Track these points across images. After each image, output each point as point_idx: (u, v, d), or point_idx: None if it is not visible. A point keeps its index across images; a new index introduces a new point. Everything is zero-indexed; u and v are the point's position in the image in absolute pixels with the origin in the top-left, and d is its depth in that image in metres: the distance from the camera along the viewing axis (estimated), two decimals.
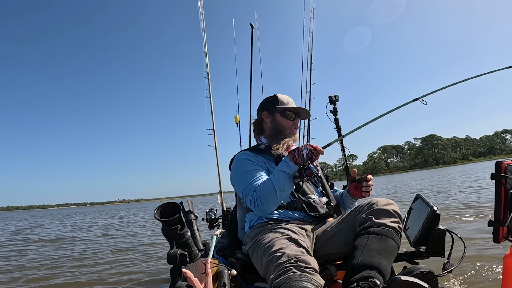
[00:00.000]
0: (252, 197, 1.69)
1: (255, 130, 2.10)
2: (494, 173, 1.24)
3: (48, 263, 5.53)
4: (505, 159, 1.27)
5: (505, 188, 1.21)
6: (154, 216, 1.28)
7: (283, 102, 2.02)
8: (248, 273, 1.74)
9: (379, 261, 1.35)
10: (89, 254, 6.21)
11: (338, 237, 1.66)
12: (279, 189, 1.64)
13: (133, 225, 12.96)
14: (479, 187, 12.47)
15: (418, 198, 1.85)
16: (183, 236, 1.27)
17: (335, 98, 2.72)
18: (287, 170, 1.66)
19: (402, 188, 19.05)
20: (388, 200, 1.60)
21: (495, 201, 1.24)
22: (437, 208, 1.65)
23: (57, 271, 4.86)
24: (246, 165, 1.84)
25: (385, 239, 1.44)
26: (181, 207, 1.31)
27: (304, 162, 1.65)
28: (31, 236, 11.53)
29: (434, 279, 1.30)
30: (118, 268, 4.77)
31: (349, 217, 1.65)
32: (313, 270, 1.30)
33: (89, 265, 5.10)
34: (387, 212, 1.53)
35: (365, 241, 1.43)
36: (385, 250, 1.41)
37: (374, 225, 1.48)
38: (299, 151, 1.65)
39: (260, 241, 1.60)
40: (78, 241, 8.68)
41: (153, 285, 3.80)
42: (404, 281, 1.05)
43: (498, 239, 1.22)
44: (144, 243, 7.25)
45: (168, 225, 1.26)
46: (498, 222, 1.21)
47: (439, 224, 1.64)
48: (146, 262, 5.00)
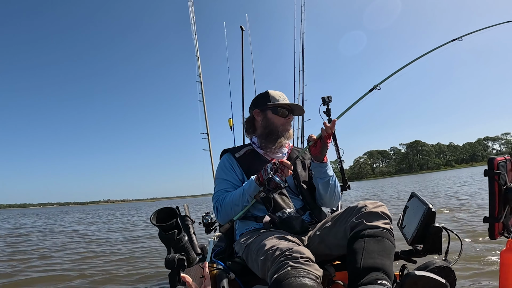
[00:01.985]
0: (214, 205, 1.81)
1: (247, 129, 2.05)
2: (487, 170, 1.25)
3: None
4: (497, 156, 1.28)
5: (498, 184, 1.22)
6: (150, 221, 1.27)
7: (275, 98, 1.94)
8: (247, 276, 1.73)
9: (382, 262, 1.34)
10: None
11: (329, 240, 1.64)
12: (234, 204, 1.72)
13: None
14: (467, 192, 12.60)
15: (413, 196, 1.85)
16: (180, 241, 1.27)
17: (328, 99, 2.71)
18: (246, 187, 1.71)
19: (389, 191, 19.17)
20: (376, 202, 1.59)
21: (489, 197, 1.25)
22: (432, 206, 1.66)
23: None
24: (222, 172, 1.91)
25: (382, 240, 1.43)
26: (177, 212, 1.31)
27: (269, 180, 1.63)
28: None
29: (451, 274, 1.25)
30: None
31: (340, 221, 1.62)
32: (309, 260, 1.30)
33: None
34: (377, 215, 1.52)
35: (363, 244, 1.41)
36: (384, 251, 1.40)
37: (367, 228, 1.46)
38: (265, 168, 1.67)
39: (250, 244, 1.60)
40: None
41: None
42: (419, 276, 1.02)
43: (494, 235, 1.23)
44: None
45: (165, 230, 1.25)
46: (493, 218, 1.22)
47: (435, 221, 1.65)
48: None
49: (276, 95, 1.96)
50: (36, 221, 19.65)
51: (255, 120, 1.98)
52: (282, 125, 1.91)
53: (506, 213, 1.23)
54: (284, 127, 1.92)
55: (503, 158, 1.27)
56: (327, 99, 2.72)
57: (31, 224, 17.40)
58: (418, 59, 1.97)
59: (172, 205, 1.36)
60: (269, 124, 1.91)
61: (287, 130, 1.93)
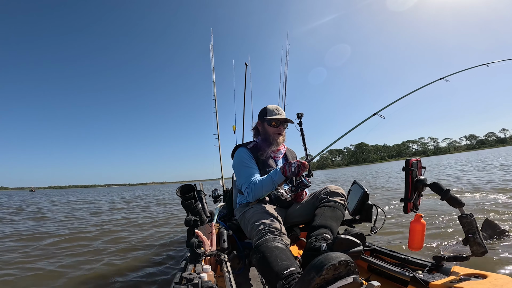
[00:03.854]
0: (246, 188, 1.65)
1: (254, 133, 1.94)
2: (404, 167, 1.26)
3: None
4: (411, 158, 1.30)
5: (411, 176, 1.24)
6: (176, 193, 1.28)
7: (270, 112, 1.85)
8: (240, 233, 1.74)
9: (331, 223, 1.39)
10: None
11: (302, 210, 1.66)
12: (264, 190, 1.58)
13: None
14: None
15: (355, 183, 1.87)
16: (195, 207, 1.27)
17: (301, 114, 2.70)
18: (275, 178, 1.57)
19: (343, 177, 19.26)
20: (337, 186, 1.61)
21: (405, 185, 1.26)
22: (367, 190, 1.69)
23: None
24: (245, 160, 1.75)
25: (335, 210, 1.48)
26: (194, 188, 1.31)
27: (292, 174, 1.52)
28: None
29: (363, 238, 1.38)
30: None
31: (310, 198, 1.66)
32: (282, 233, 1.33)
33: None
34: (337, 194, 1.56)
35: (322, 211, 1.47)
36: (335, 217, 1.45)
37: (328, 201, 1.52)
38: (290, 165, 1.53)
39: (245, 213, 1.59)
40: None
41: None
42: (344, 238, 1.08)
43: (407, 210, 1.25)
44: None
45: (185, 200, 1.26)
46: (407, 199, 1.24)
47: (368, 200, 1.68)
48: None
49: (272, 109, 1.86)
50: (123, 194, 19.72)
51: (258, 128, 1.91)
52: (274, 134, 1.82)
53: (416, 196, 1.26)
54: (275, 135, 1.82)
55: (415, 159, 1.29)
56: (300, 115, 2.71)
57: (129, 195, 17.70)
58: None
59: (192, 184, 1.37)
60: (265, 133, 1.84)
61: (275, 139, 1.83)
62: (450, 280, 0.98)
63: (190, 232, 1.22)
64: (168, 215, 6.69)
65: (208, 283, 0.90)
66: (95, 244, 3.73)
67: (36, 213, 8.75)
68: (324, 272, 0.72)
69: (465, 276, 0.98)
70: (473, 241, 1.05)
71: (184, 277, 0.93)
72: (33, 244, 3.83)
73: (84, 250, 3.43)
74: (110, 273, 2.55)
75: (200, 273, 0.96)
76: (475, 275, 0.98)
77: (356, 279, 0.75)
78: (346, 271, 0.75)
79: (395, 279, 1.24)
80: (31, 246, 3.70)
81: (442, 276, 1.03)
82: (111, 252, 3.30)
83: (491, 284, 0.87)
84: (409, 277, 1.10)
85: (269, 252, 1.15)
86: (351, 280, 0.73)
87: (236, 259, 1.63)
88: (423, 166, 1.30)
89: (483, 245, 1.04)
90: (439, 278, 1.01)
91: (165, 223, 5.37)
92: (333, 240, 1.13)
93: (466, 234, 1.07)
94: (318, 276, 0.72)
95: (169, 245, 3.54)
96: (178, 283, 1.01)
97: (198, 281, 0.89)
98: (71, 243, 3.82)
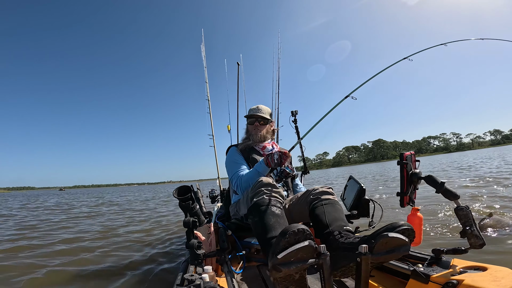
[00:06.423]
0: (235, 182, 1.72)
1: (245, 132, 2.02)
2: (399, 161, 1.26)
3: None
4: (406, 152, 1.29)
5: (406, 170, 1.24)
6: (173, 195, 1.26)
7: (249, 111, 1.96)
8: (240, 232, 1.73)
9: (340, 216, 1.31)
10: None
11: (294, 211, 1.60)
12: (251, 182, 1.61)
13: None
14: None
15: (351, 178, 1.87)
16: (193, 208, 1.26)
17: (295, 112, 2.71)
18: (260, 170, 1.62)
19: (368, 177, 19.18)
20: (326, 185, 1.53)
21: (401, 178, 1.25)
22: (363, 185, 1.69)
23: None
24: (234, 157, 1.85)
25: (334, 205, 1.39)
26: (192, 188, 1.30)
27: (275, 165, 1.55)
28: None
29: (412, 233, 1.02)
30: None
31: (301, 199, 1.56)
32: (276, 190, 1.36)
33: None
34: (326, 192, 1.48)
35: (323, 209, 1.36)
36: (339, 210, 1.36)
37: (323, 200, 1.42)
38: (272, 156, 1.57)
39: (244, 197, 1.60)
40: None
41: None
42: (391, 237, 0.93)
43: (403, 204, 1.24)
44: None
45: (183, 201, 1.25)
46: (403, 193, 1.24)
47: (365, 195, 1.68)
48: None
49: (252, 108, 1.96)
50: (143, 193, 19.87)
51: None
52: (252, 130, 1.92)
53: (411, 189, 1.26)
54: (253, 131, 1.92)
55: (409, 153, 1.28)
56: (295, 112, 2.73)
57: (146, 195, 17.79)
58: (373, 77, 1.81)
59: (188, 184, 1.35)
60: (247, 130, 1.96)
61: (256, 134, 1.90)
62: (450, 272, 0.98)
63: (189, 234, 1.20)
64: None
65: (210, 283, 0.88)
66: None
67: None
68: (287, 237, 0.93)
69: (465, 269, 0.99)
70: (471, 233, 1.04)
71: (185, 278, 0.91)
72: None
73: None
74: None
75: (202, 274, 0.95)
76: (475, 268, 0.98)
77: (311, 243, 0.94)
78: (304, 237, 0.95)
79: (396, 273, 1.23)
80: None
81: (442, 269, 1.03)
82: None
83: (491, 276, 0.87)
84: (410, 270, 1.10)
85: (266, 220, 1.22)
86: (307, 243, 0.93)
87: (236, 258, 1.62)
88: (417, 160, 1.30)
89: (481, 237, 1.04)
90: (440, 271, 1.01)
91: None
92: (375, 240, 0.96)
93: (463, 227, 1.06)
94: (284, 239, 0.93)
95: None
96: (180, 285, 1.00)
97: (200, 282, 0.88)
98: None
